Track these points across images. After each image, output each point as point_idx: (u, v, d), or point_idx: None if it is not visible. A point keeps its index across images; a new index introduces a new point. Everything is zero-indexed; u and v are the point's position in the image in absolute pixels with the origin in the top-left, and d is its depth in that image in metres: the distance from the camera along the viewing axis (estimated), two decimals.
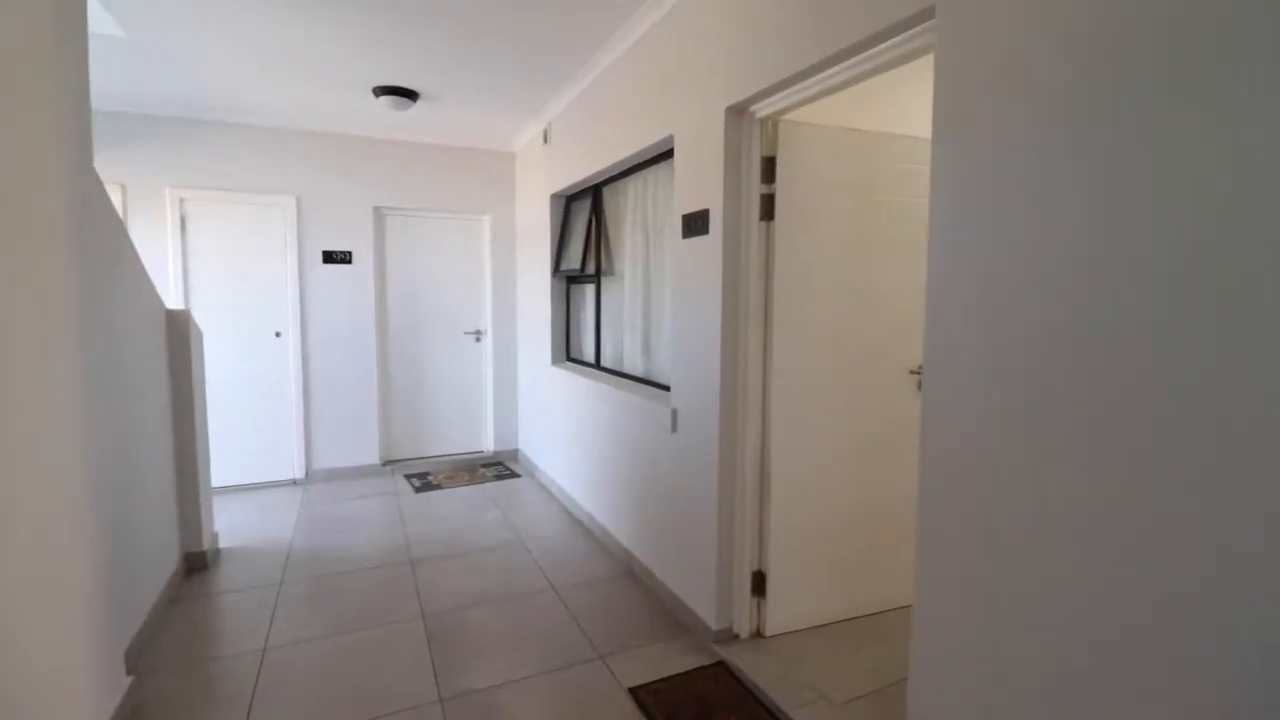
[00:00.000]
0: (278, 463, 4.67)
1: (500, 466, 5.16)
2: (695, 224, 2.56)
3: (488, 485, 4.69)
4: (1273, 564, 0.93)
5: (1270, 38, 0.92)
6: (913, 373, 2.70)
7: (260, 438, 4.61)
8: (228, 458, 4.40)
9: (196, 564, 3.18)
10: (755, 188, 2.38)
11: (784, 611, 2.56)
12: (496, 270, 5.24)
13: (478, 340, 5.28)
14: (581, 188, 4.09)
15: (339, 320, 4.75)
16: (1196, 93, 1.00)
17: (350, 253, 4.75)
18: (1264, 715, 0.95)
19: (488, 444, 5.36)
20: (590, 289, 4.12)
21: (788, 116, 2.34)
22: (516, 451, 5.37)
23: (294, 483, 4.70)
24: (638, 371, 3.54)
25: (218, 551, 3.41)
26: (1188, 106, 1.01)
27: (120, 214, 4.14)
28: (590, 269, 3.96)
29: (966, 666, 1.41)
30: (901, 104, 2.71)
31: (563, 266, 4.34)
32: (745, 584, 2.53)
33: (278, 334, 4.60)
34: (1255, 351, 0.94)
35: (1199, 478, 1.00)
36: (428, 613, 2.79)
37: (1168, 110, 1.04)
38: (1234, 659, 0.97)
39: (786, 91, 2.12)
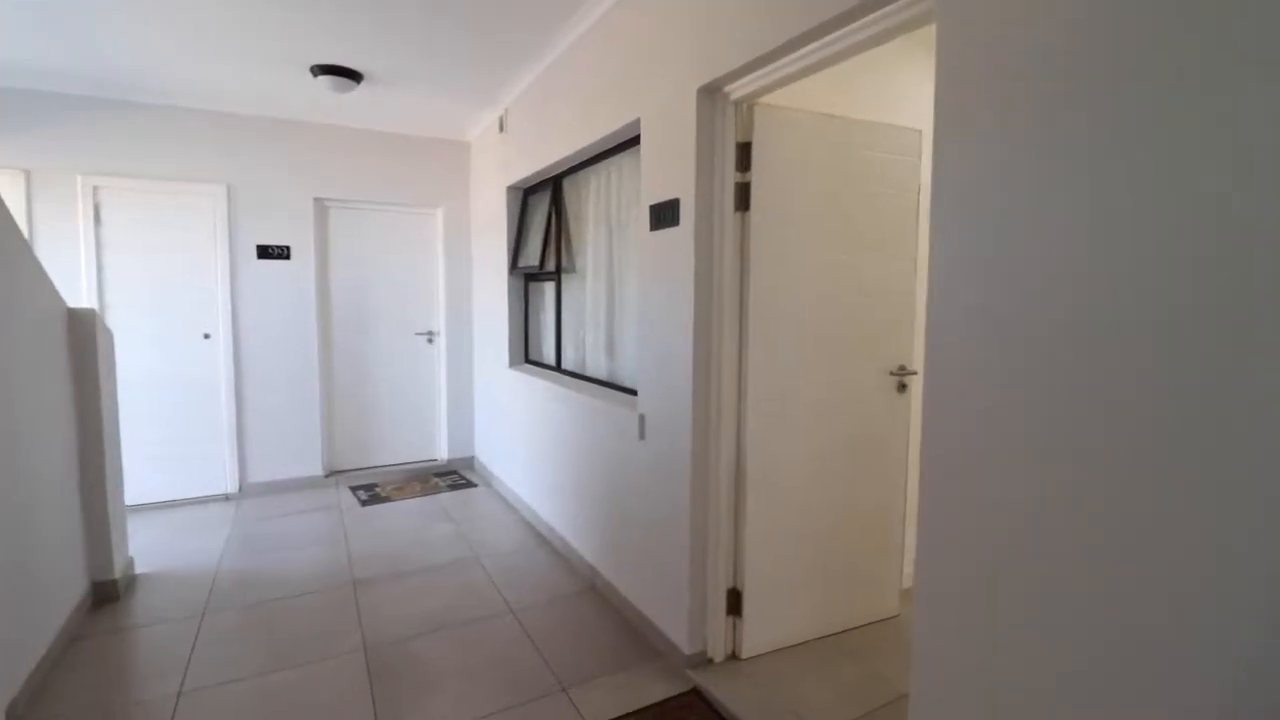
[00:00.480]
0: (206, 476, 4.27)
1: (455, 475, 4.87)
2: (664, 215, 2.37)
3: (441, 496, 4.41)
4: (1273, 564, 0.92)
5: (1271, 37, 0.90)
6: (892, 373, 2.57)
7: (187, 449, 4.20)
8: (149, 472, 4.01)
9: (106, 594, 2.83)
10: (729, 176, 2.21)
11: (761, 631, 2.39)
12: (450, 268, 4.95)
13: (430, 342, 4.98)
14: (540, 179, 3.86)
15: (276, 321, 4.39)
16: (1197, 91, 0.98)
17: (288, 247, 4.39)
18: (1264, 716, 0.95)
19: (441, 452, 5.07)
20: (550, 287, 3.89)
21: (764, 99, 2.18)
22: (473, 459, 5.09)
23: (225, 498, 4.31)
24: (602, 374, 3.34)
25: (132, 579, 3.06)
26: (1188, 104, 1.00)
27: (24, 203, 3.73)
28: (550, 266, 3.73)
29: (967, 667, 1.36)
30: (883, 90, 2.59)
31: (521, 263, 4.09)
32: (720, 603, 2.35)
33: (206, 336, 4.21)
34: (1255, 351, 0.93)
35: (1199, 478, 1.00)
36: (370, 644, 2.52)
37: (1168, 108, 1.02)
38: (1234, 659, 0.97)
39: (766, 69, 1.95)
